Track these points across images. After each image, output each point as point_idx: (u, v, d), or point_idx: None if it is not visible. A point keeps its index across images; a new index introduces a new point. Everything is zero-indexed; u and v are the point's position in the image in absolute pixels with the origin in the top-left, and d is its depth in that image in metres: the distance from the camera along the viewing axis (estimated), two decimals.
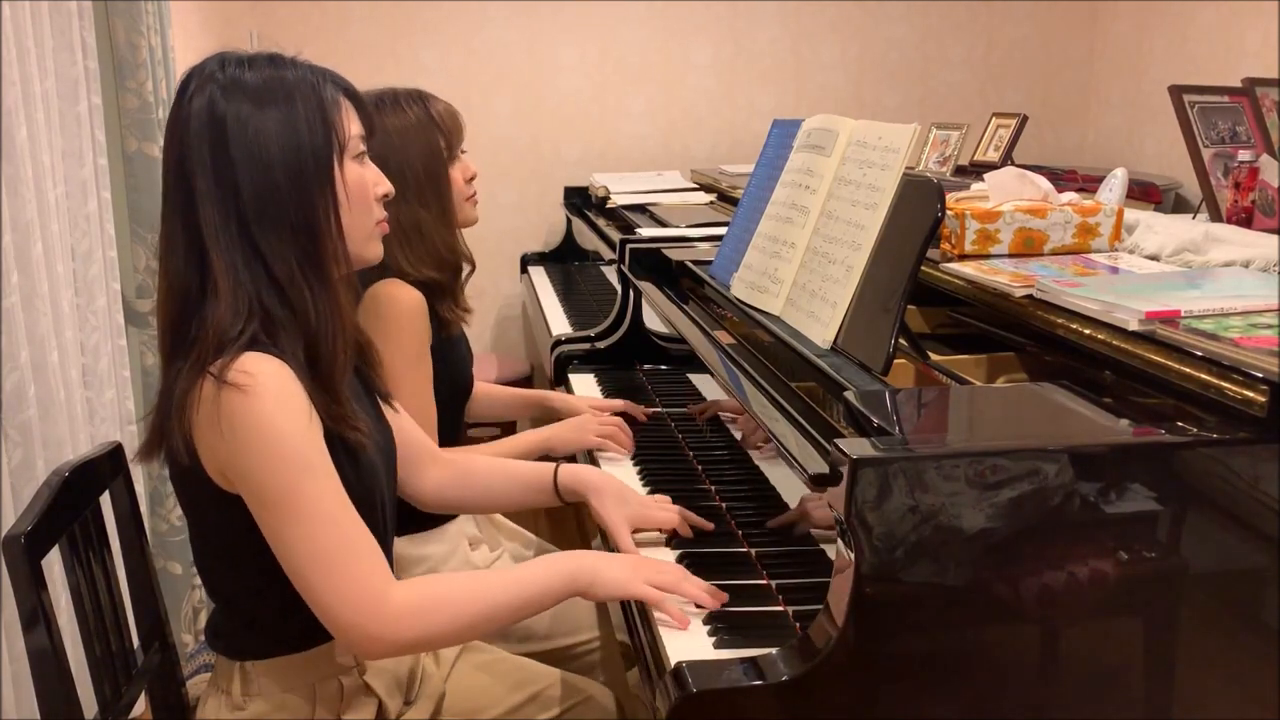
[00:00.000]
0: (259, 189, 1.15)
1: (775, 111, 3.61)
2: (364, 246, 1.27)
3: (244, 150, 1.15)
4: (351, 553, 1.14)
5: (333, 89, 1.22)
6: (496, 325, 3.96)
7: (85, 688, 1.29)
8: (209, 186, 1.15)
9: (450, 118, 1.75)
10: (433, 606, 1.18)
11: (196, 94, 1.17)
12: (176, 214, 1.18)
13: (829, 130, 1.63)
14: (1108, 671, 1.05)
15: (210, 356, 1.12)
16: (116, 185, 2.36)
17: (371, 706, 1.30)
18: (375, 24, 3.65)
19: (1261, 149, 1.81)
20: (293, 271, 1.17)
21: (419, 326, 1.66)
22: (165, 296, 1.20)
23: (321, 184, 1.19)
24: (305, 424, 1.14)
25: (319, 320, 1.19)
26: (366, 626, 1.14)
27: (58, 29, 2.11)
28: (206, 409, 1.12)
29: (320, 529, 1.13)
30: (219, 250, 1.15)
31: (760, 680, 1.02)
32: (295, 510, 1.12)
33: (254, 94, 1.16)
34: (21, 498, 1.90)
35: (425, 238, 1.70)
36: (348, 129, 1.22)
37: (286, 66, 1.20)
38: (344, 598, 1.13)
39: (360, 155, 1.25)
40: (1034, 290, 1.33)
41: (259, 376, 1.11)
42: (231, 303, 1.14)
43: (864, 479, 0.98)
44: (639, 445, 1.82)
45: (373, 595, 1.14)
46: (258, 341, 1.14)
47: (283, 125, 1.17)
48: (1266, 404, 0.98)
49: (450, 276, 1.75)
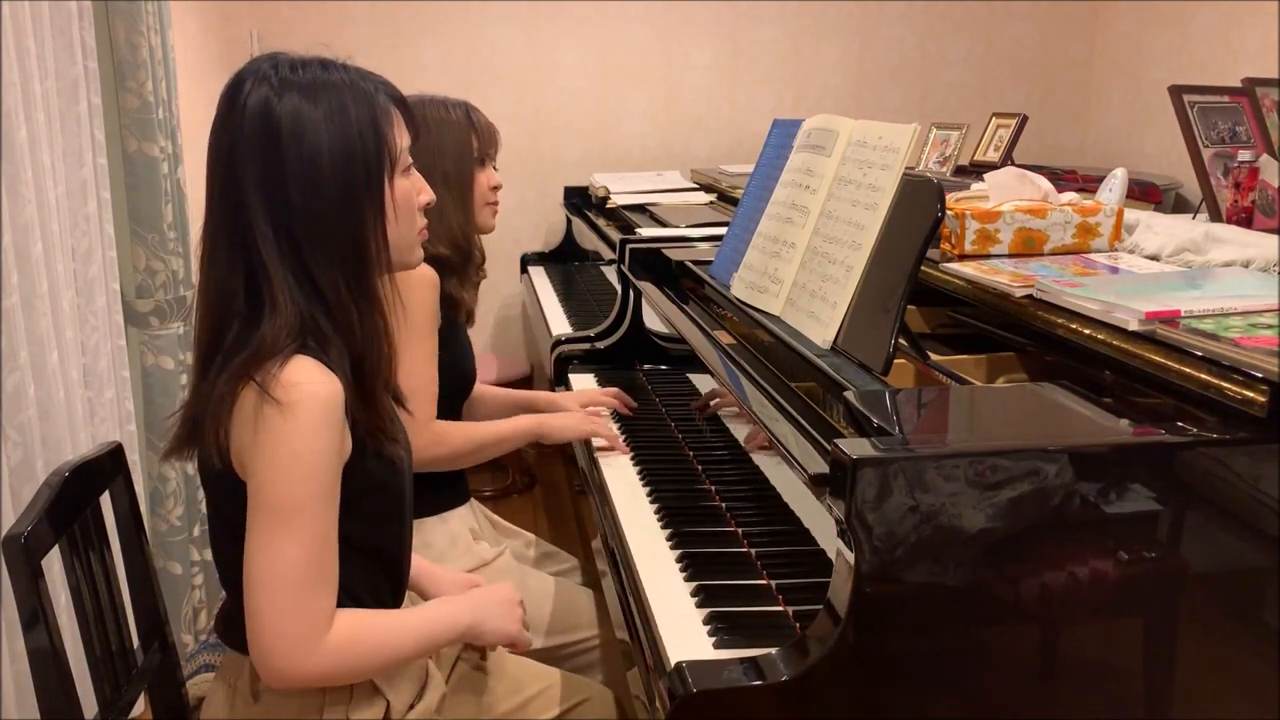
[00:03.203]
0: (310, 204, 1.15)
1: (775, 111, 3.62)
2: (407, 255, 1.28)
3: (297, 162, 1.14)
4: (319, 584, 1.14)
5: (385, 99, 1.21)
6: (496, 325, 3.96)
7: (85, 687, 1.29)
8: (260, 198, 1.14)
9: (488, 129, 1.85)
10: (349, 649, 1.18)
11: (251, 94, 1.15)
12: (223, 220, 1.17)
13: (829, 130, 1.63)
14: (1108, 671, 1.05)
15: (256, 365, 1.12)
16: (116, 185, 2.36)
17: (380, 706, 1.30)
18: (375, 24, 3.65)
19: (1261, 149, 1.81)
20: (340, 291, 1.17)
21: (429, 298, 1.70)
22: (206, 301, 1.19)
23: (372, 202, 1.19)
24: (335, 448, 1.14)
25: (365, 339, 1.20)
26: (292, 655, 1.14)
27: (58, 29, 2.11)
28: (245, 413, 1.12)
29: (306, 551, 1.12)
30: (273, 264, 1.14)
31: (760, 680, 1.02)
32: (291, 525, 1.12)
33: (310, 99, 1.15)
34: (21, 498, 1.90)
35: (443, 219, 1.75)
36: (399, 143, 1.22)
37: (338, 71, 1.19)
38: (289, 623, 1.13)
39: (408, 168, 1.25)
40: (1034, 290, 1.33)
41: (304, 387, 1.11)
42: (285, 318, 1.14)
43: (864, 479, 0.98)
44: (639, 445, 1.82)
45: (314, 630, 1.14)
46: (308, 348, 1.14)
47: (337, 137, 1.15)
48: (1266, 404, 0.98)
49: (462, 258, 1.81)
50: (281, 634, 1.13)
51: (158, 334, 2.45)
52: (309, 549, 1.13)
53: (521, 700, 1.47)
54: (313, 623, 1.14)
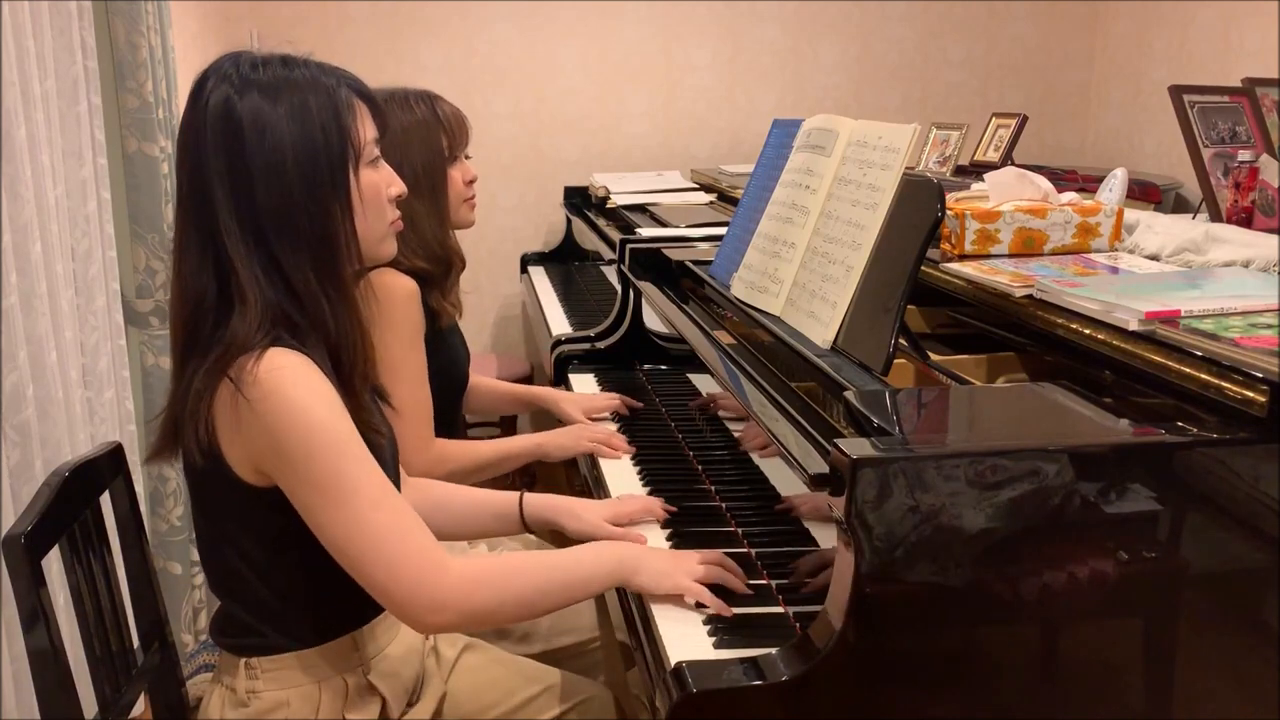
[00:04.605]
0: (276, 200, 1.16)
1: (775, 111, 3.61)
2: (378, 247, 1.28)
3: (260, 159, 1.15)
4: (403, 529, 1.16)
5: (347, 92, 1.21)
6: (496, 325, 3.96)
7: (85, 688, 1.29)
8: (225, 195, 1.15)
9: (456, 120, 1.77)
10: (491, 579, 1.19)
11: (213, 93, 1.16)
12: (191, 218, 1.18)
13: (829, 130, 1.63)
14: (1108, 671, 1.05)
15: (231, 360, 1.13)
16: (116, 185, 2.36)
17: (375, 706, 1.30)
18: (375, 24, 3.65)
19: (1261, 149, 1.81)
20: (309, 281, 1.18)
21: (413, 312, 1.68)
22: (179, 299, 1.20)
23: (337, 194, 1.19)
24: (339, 409, 1.16)
25: (338, 328, 1.21)
26: (432, 595, 1.15)
27: (58, 29, 2.11)
28: (229, 411, 1.13)
29: (368, 509, 1.14)
30: (240, 259, 1.15)
31: (760, 680, 1.02)
32: (341, 494, 1.13)
33: (271, 98, 1.16)
34: (20, 498, 1.90)
35: (417, 230, 1.71)
36: (363, 135, 1.22)
37: (299, 67, 1.20)
38: (402, 572, 1.14)
39: (375, 160, 1.25)
40: (1034, 290, 1.33)
41: (285, 370, 1.12)
42: (254, 312, 1.15)
43: (864, 479, 0.98)
44: (639, 445, 1.82)
45: (433, 566, 1.15)
46: (281, 341, 1.15)
47: (299, 133, 1.16)
48: (1266, 404, 0.98)
49: (441, 270, 1.77)
50: (397, 587, 1.14)
51: (158, 334, 2.45)
52: (367, 505, 1.14)
53: (521, 700, 1.47)
54: (422, 562, 1.15)
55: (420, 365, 1.70)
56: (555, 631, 1.74)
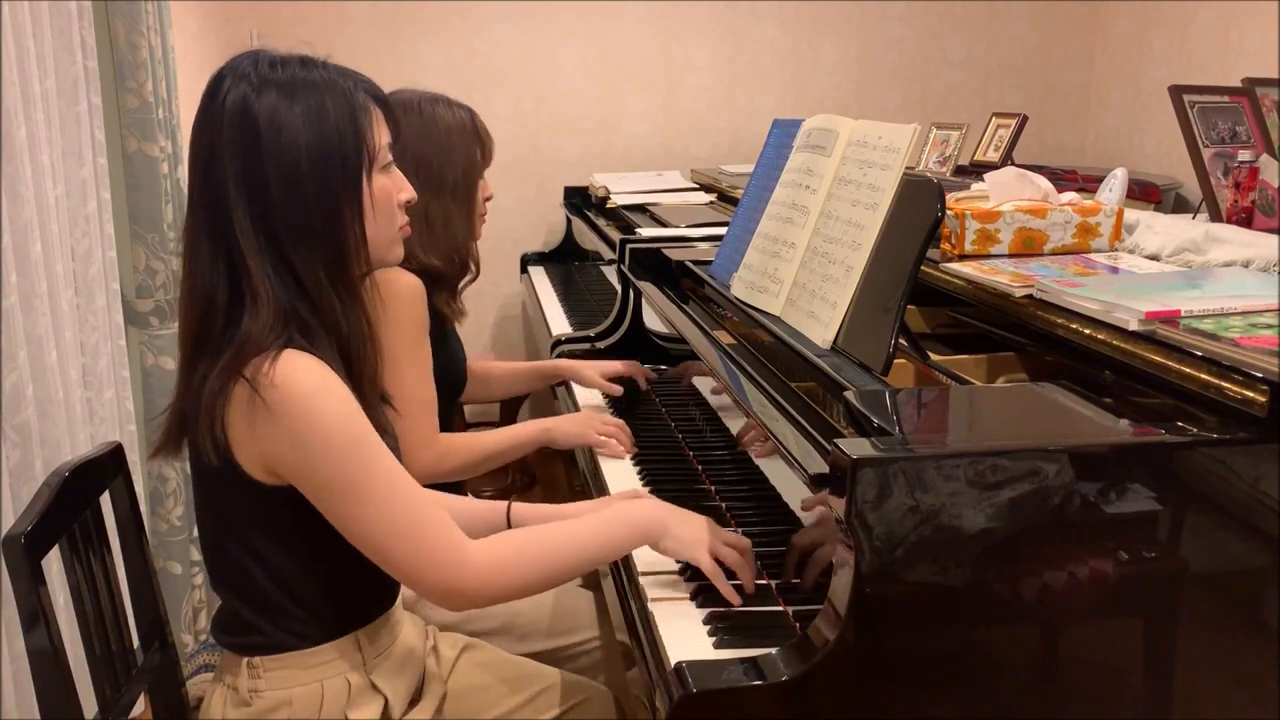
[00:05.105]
0: (290, 201, 1.16)
1: (775, 111, 3.61)
2: (386, 251, 1.29)
3: (276, 159, 1.15)
4: (426, 519, 1.18)
5: (364, 96, 1.22)
6: (496, 325, 3.96)
7: (85, 688, 1.29)
8: (240, 193, 1.15)
9: (488, 137, 1.85)
10: (513, 560, 1.22)
11: (230, 92, 1.16)
12: (204, 215, 1.18)
13: (829, 130, 1.63)
14: (1108, 671, 1.05)
15: (245, 360, 1.13)
16: (116, 185, 2.36)
17: (377, 706, 1.30)
18: (375, 24, 3.65)
19: (1261, 149, 1.81)
20: (321, 282, 1.19)
21: (418, 311, 1.69)
22: (189, 296, 1.20)
23: (350, 198, 1.20)
24: (355, 408, 1.17)
25: (350, 329, 1.22)
26: (459, 583, 1.18)
27: (58, 29, 2.11)
28: (244, 412, 1.13)
29: (392, 503, 1.16)
30: (253, 258, 1.16)
31: (760, 680, 1.02)
32: (364, 490, 1.15)
33: (288, 98, 1.16)
34: (20, 498, 1.90)
35: (449, 231, 1.76)
36: (378, 140, 1.22)
37: (317, 69, 1.20)
38: (429, 563, 1.17)
39: (387, 165, 1.25)
40: (1034, 290, 1.33)
41: (302, 372, 1.13)
42: (267, 312, 1.15)
43: (864, 479, 0.98)
44: (639, 445, 1.82)
45: (455, 554, 1.18)
46: (294, 343, 1.16)
47: (315, 135, 1.16)
48: (1266, 404, 0.98)
49: (455, 272, 1.81)
50: (426, 576, 1.18)
51: (158, 334, 2.45)
52: (391, 499, 1.16)
53: (521, 700, 1.47)
54: (446, 551, 1.18)
55: (426, 360, 1.71)
56: (555, 631, 1.74)
